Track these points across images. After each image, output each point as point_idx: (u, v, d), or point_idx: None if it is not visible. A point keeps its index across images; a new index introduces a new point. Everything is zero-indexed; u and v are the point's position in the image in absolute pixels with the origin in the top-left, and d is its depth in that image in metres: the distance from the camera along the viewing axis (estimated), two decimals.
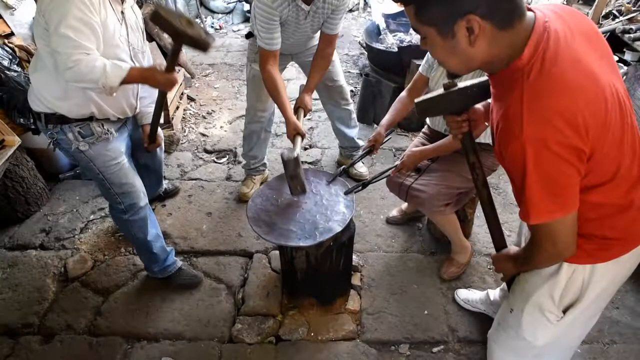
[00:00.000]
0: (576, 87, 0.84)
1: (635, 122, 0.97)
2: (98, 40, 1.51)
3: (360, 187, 1.86)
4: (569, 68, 0.85)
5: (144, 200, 1.95)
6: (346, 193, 1.81)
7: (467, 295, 2.04)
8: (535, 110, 0.84)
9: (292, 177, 1.75)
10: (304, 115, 2.14)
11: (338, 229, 1.62)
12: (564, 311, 1.18)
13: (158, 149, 2.28)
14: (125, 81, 1.53)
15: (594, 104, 0.85)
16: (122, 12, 1.65)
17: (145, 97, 1.96)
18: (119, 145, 1.83)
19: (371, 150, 2.06)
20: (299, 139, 1.91)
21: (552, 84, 0.84)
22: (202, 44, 1.63)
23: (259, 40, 1.99)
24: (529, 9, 0.92)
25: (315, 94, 2.65)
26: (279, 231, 1.67)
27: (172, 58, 1.66)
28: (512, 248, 1.25)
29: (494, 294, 1.91)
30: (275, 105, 2.58)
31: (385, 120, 2.07)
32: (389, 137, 2.12)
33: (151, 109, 1.97)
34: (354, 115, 2.82)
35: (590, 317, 1.27)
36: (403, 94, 2.10)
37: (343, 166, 2.20)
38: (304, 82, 2.26)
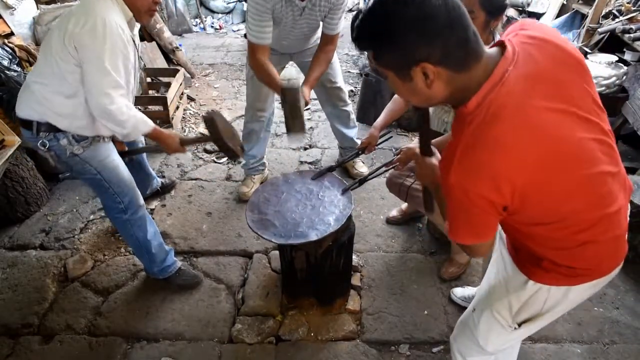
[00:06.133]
0: (511, 149, 0.83)
1: (605, 167, 0.93)
2: (126, 74, 1.56)
3: (357, 184, 1.86)
4: (510, 128, 0.83)
5: (141, 199, 1.96)
6: (343, 191, 1.80)
7: (463, 293, 2.06)
8: (465, 160, 0.86)
9: (291, 109, 1.61)
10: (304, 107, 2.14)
11: (313, 238, 1.61)
12: (520, 324, 1.19)
13: (139, 144, 2.32)
14: (145, 135, 1.67)
15: (530, 165, 0.84)
16: (133, 38, 1.66)
17: None
18: (111, 145, 1.84)
19: (363, 150, 2.06)
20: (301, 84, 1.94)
21: (487, 141, 0.84)
22: (234, 157, 1.81)
23: (249, 33, 1.99)
24: (502, 43, 0.91)
25: (313, 94, 2.65)
26: (263, 221, 1.69)
27: (194, 140, 1.96)
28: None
29: None
30: (274, 105, 2.60)
31: (379, 121, 2.07)
32: (385, 137, 2.11)
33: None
34: (353, 116, 2.82)
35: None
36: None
37: (332, 164, 2.20)
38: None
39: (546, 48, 0.91)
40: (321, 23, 2.16)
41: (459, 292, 2.07)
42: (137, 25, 1.72)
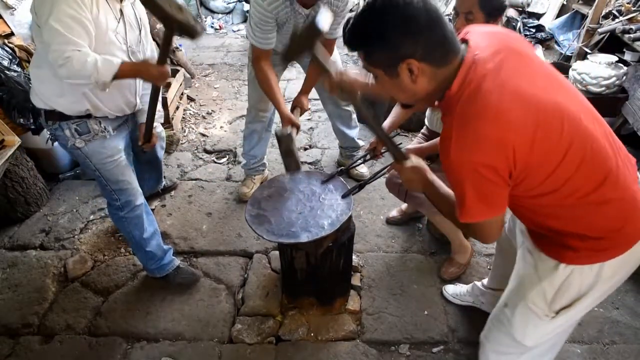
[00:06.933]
0: (498, 114, 0.92)
1: (590, 126, 1.00)
2: (90, 37, 1.51)
3: (357, 189, 1.86)
4: (494, 97, 0.93)
5: (140, 199, 1.96)
6: (344, 196, 1.80)
7: (455, 290, 2.07)
8: (461, 136, 0.95)
9: (286, 153, 1.72)
10: (300, 115, 2.15)
11: (303, 239, 1.61)
12: (557, 312, 1.19)
13: (159, 146, 2.29)
14: (118, 76, 1.54)
15: (518, 125, 0.92)
16: (121, 10, 1.65)
17: (147, 95, 1.94)
18: (117, 143, 1.84)
19: (373, 155, 2.04)
20: (294, 129, 1.93)
21: (477, 112, 0.94)
22: (190, 30, 1.63)
23: (253, 38, 2.00)
24: (464, 39, 1.04)
25: (315, 94, 2.65)
26: (260, 217, 1.71)
27: (163, 48, 1.63)
28: (427, 168, 1.28)
29: (481, 284, 1.93)
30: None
31: (385, 124, 2.06)
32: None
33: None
34: (355, 116, 2.82)
35: (580, 317, 1.27)
36: None
37: (341, 167, 2.19)
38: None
39: (501, 34, 1.07)
40: None
41: (450, 289, 2.08)
42: None
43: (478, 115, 0.93)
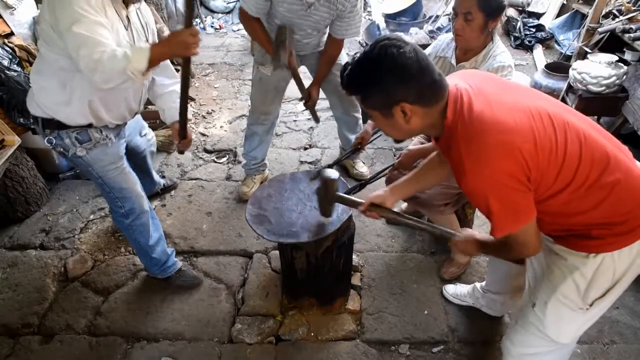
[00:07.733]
0: (494, 120, 1.01)
1: (579, 129, 1.07)
2: (113, 37, 1.46)
3: (357, 189, 1.86)
4: (487, 110, 1.04)
5: (145, 205, 1.93)
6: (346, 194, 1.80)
7: (455, 290, 2.07)
8: (471, 154, 1.02)
9: (277, 44, 2.05)
10: (312, 106, 2.35)
11: (304, 239, 1.61)
12: (591, 303, 1.20)
13: (148, 152, 2.27)
14: (152, 59, 1.45)
15: (518, 129, 1.00)
16: (128, 17, 1.61)
17: (172, 92, 1.86)
18: (118, 149, 1.80)
19: (358, 148, 2.07)
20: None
21: (476, 127, 1.02)
22: None
23: (247, 6, 2.05)
24: None
25: (322, 94, 2.65)
26: (260, 217, 1.72)
27: (188, 12, 1.49)
28: (474, 232, 1.35)
29: (480, 287, 1.94)
30: (280, 107, 2.61)
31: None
32: (377, 135, 2.12)
33: (177, 104, 1.76)
34: (360, 122, 2.81)
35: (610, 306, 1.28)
36: None
37: (333, 161, 2.24)
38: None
39: (462, 70, 1.21)
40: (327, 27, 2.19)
41: (451, 289, 2.09)
42: (135, 4, 1.63)
43: (479, 131, 1.01)
